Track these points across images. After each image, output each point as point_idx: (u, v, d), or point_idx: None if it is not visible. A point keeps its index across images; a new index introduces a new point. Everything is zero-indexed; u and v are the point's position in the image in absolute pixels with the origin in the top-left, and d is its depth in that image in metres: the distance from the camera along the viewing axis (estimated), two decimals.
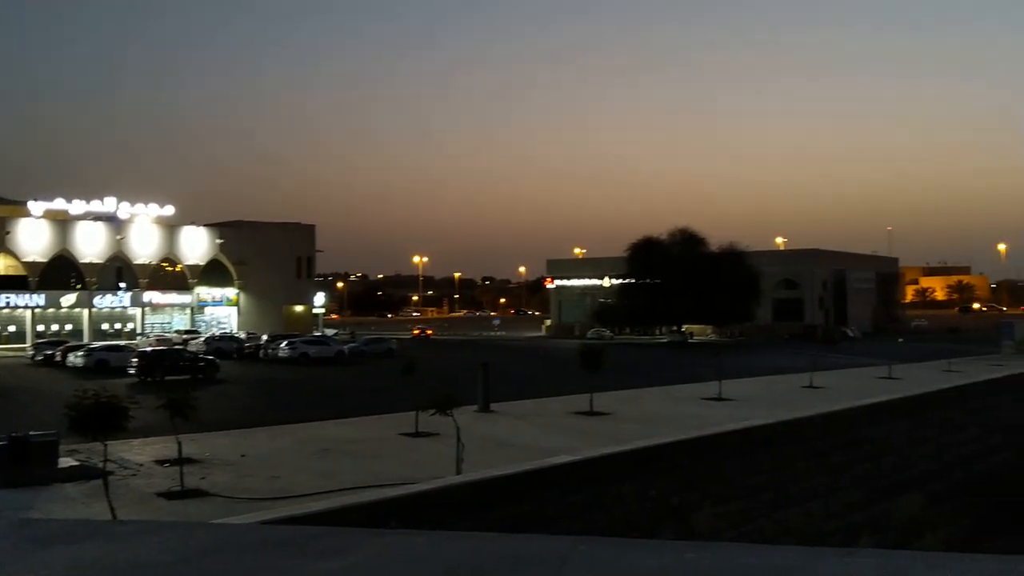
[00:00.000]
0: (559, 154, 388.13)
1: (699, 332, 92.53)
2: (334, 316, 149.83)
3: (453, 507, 14.30)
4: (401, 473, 17.69)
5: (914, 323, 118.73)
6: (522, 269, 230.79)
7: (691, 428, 21.54)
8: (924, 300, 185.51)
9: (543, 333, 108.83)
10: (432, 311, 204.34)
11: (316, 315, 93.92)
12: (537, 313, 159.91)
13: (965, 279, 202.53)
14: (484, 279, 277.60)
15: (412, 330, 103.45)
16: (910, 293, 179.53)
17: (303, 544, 2.68)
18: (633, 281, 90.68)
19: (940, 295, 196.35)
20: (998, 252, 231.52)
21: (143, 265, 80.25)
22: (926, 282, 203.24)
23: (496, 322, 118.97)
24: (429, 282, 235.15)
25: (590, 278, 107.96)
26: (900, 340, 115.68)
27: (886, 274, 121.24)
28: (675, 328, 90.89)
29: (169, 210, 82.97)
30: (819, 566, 2.34)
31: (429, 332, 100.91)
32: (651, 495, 17.64)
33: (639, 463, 17.95)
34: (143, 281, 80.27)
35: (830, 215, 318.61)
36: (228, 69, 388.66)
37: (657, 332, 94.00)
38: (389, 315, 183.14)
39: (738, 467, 20.21)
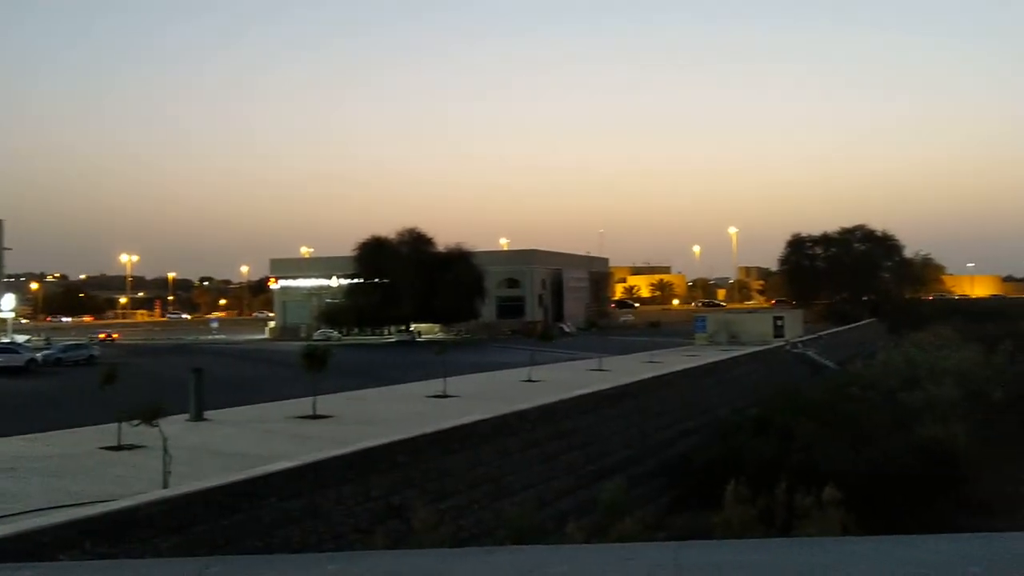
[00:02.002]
0: (287, 151, 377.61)
1: (427, 331, 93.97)
2: (32, 320, 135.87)
3: (156, 524, 13.29)
4: (101, 490, 16.37)
5: (622, 318, 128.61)
6: (244, 269, 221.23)
7: (414, 426, 21.69)
8: (631, 297, 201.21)
9: (267, 336, 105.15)
10: (142, 314, 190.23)
11: (3, 320, 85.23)
12: (259, 315, 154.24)
13: (666, 278, 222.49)
14: (202, 279, 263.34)
15: (100, 334, 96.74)
16: (619, 291, 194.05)
17: None
18: (361, 281, 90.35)
19: (645, 292, 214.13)
20: (693, 253, 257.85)
21: None
22: (633, 280, 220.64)
23: (215, 324, 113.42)
24: (140, 283, 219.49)
25: (317, 278, 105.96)
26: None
27: (598, 273, 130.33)
28: (404, 327, 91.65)
29: None
30: (457, 567, 2.32)
31: (115, 336, 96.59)
32: (372, 496, 17.52)
33: (360, 465, 17.76)
34: None
35: (551, 218, 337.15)
36: None
37: (386, 332, 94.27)
38: (91, 318, 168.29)
39: (459, 462, 20.64)
